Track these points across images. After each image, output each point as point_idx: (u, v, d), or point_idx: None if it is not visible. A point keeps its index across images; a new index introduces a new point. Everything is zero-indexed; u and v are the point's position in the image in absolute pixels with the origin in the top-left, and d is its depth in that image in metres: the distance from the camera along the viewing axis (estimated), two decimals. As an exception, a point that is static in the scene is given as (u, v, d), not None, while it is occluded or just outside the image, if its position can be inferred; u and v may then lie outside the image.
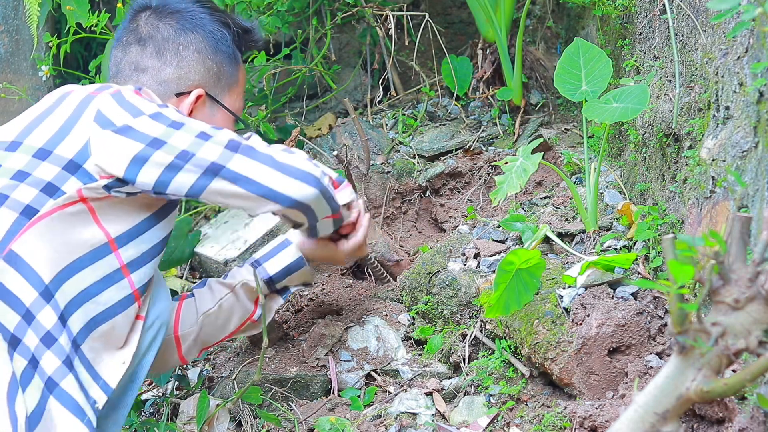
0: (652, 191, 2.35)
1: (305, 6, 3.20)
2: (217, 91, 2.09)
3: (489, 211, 2.78)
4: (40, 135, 1.86)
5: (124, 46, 2.07)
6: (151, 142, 1.83)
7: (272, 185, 1.86)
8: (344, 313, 2.52)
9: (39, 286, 1.79)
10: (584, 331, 2.04)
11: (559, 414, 2.04)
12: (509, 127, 3.04)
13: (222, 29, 2.09)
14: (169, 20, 2.05)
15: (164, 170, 1.83)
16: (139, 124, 1.84)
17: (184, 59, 2.05)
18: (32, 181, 1.82)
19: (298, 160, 1.91)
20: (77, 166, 1.82)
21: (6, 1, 3.47)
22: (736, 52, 1.88)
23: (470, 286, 2.37)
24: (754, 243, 1.66)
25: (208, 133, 1.87)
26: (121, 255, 1.87)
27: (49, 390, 1.78)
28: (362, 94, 3.34)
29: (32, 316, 1.78)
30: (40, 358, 1.78)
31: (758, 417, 1.63)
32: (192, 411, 2.26)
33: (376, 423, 2.20)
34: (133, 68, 2.04)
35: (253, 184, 1.86)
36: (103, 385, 1.85)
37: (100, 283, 1.85)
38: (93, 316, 1.85)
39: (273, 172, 1.87)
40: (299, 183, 1.88)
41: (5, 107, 3.50)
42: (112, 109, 1.85)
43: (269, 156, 1.88)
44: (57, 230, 1.81)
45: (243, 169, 1.86)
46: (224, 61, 2.09)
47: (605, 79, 2.29)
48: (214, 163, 1.85)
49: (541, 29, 3.24)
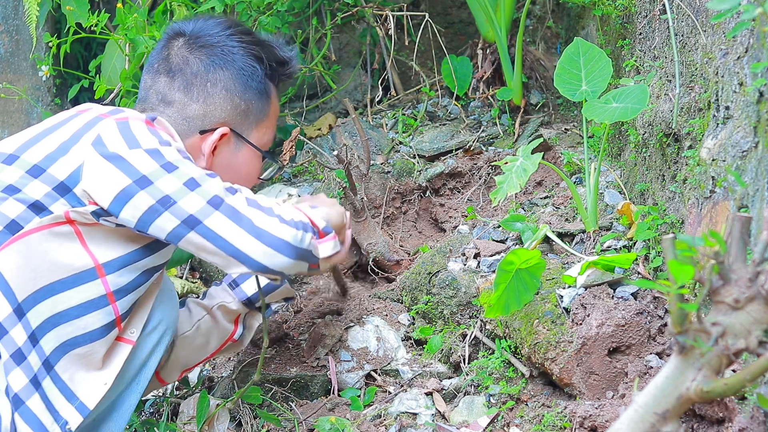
0: (652, 191, 2.35)
1: (305, 6, 3.20)
2: (243, 128, 2.04)
3: (489, 211, 2.78)
4: (37, 151, 1.83)
5: (154, 73, 2.02)
6: (138, 180, 1.78)
7: (245, 249, 1.81)
8: (344, 313, 2.52)
9: (13, 303, 1.78)
10: (584, 331, 2.04)
11: (559, 414, 2.04)
12: (509, 127, 3.04)
13: (254, 64, 2.03)
14: (200, 54, 2.00)
15: (145, 213, 1.79)
16: (131, 157, 1.79)
17: (211, 96, 1.99)
18: (21, 197, 1.80)
19: (276, 226, 1.83)
20: (67, 189, 1.79)
21: (6, 1, 3.47)
22: (736, 52, 1.88)
23: (470, 286, 2.37)
24: (754, 243, 1.66)
25: (197, 182, 1.82)
26: (108, 282, 1.83)
27: (15, 407, 1.78)
28: (362, 94, 3.34)
29: (5, 331, 1.78)
30: (8, 375, 1.78)
31: (758, 417, 1.63)
32: (192, 411, 2.26)
33: (376, 423, 2.20)
34: (159, 98, 1.99)
35: (226, 245, 1.81)
36: (79, 406, 1.83)
37: (81, 308, 1.82)
38: (68, 338, 1.82)
39: (249, 237, 1.81)
40: (272, 252, 1.81)
41: (5, 107, 3.50)
42: (112, 136, 1.81)
43: (249, 220, 1.82)
44: (39, 249, 1.78)
45: (219, 228, 1.80)
46: (253, 98, 2.03)
47: (605, 79, 2.29)
48: (192, 216, 1.80)
49: (541, 29, 3.24)
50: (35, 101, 3.46)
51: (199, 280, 2.93)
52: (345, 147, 2.79)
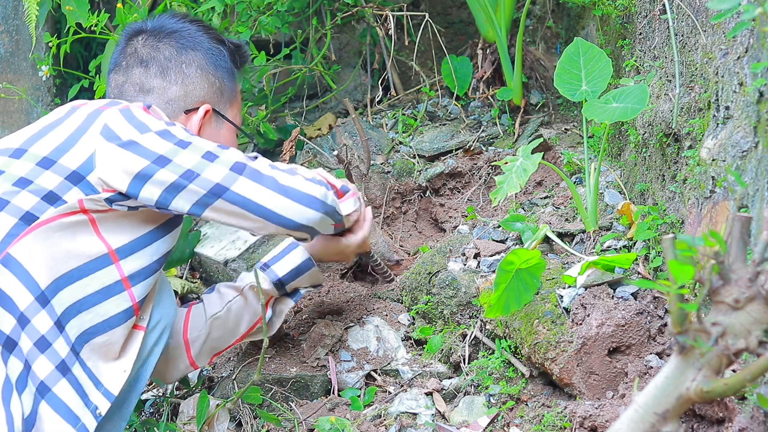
0: (652, 191, 2.35)
1: (305, 6, 3.20)
2: (221, 106, 2.13)
3: (489, 211, 2.78)
4: (45, 144, 1.87)
5: (124, 69, 2.08)
6: (156, 160, 1.84)
7: (276, 209, 1.90)
8: (344, 313, 2.52)
9: (35, 291, 1.79)
10: (584, 331, 2.04)
11: (559, 414, 2.04)
12: (509, 127, 3.04)
13: (218, 46, 2.13)
14: (168, 40, 2.08)
15: (167, 188, 1.84)
16: (145, 140, 1.85)
17: (188, 77, 2.08)
18: (34, 188, 1.82)
19: (302, 183, 1.93)
20: (80, 178, 1.83)
21: (6, 1, 3.47)
22: (736, 52, 1.88)
23: (470, 286, 2.37)
24: (754, 243, 1.66)
25: (214, 153, 1.89)
26: (122, 267, 1.87)
27: (41, 395, 1.79)
28: (362, 94, 3.34)
29: (27, 320, 1.79)
30: (33, 363, 1.79)
31: (758, 417, 1.63)
32: (192, 411, 2.26)
33: (376, 423, 2.20)
34: (137, 89, 2.06)
35: (257, 207, 1.89)
36: (105, 392, 1.86)
37: (99, 294, 1.86)
38: (90, 326, 1.85)
39: (277, 196, 1.90)
40: (303, 207, 1.92)
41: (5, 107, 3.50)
42: (120, 124, 1.86)
43: (273, 179, 1.90)
44: (55, 238, 1.81)
45: (247, 192, 1.88)
46: (224, 77, 2.13)
47: (605, 79, 2.29)
48: (219, 185, 1.87)
49: (541, 29, 3.24)
50: (35, 101, 3.46)
51: (199, 280, 2.93)
52: (345, 147, 2.80)
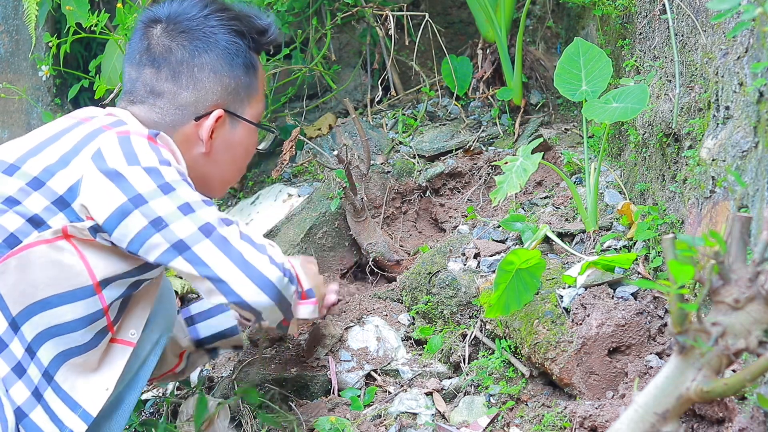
0: (652, 191, 2.35)
1: (305, 6, 3.20)
2: (236, 106, 2.02)
3: (489, 211, 2.78)
4: (37, 163, 1.81)
5: (137, 65, 1.99)
6: (133, 198, 1.76)
7: (229, 281, 1.79)
8: (344, 313, 2.52)
9: (8, 317, 1.77)
10: (584, 331, 2.04)
11: (559, 414, 2.04)
12: (509, 127, 3.04)
13: (236, 40, 2.00)
14: (182, 40, 1.97)
15: (137, 233, 1.77)
16: (129, 173, 1.77)
17: (200, 81, 1.97)
18: (21, 210, 1.78)
19: (266, 265, 1.81)
20: (66, 204, 1.78)
21: (6, 1, 3.47)
22: (736, 52, 1.88)
23: (470, 286, 2.37)
24: (754, 243, 1.66)
25: (191, 207, 1.80)
26: (104, 297, 1.82)
27: (18, 420, 1.77)
28: (362, 94, 3.34)
29: (5, 345, 1.77)
30: (10, 388, 1.77)
31: (758, 417, 1.63)
32: (192, 411, 2.26)
33: (376, 423, 2.20)
34: (148, 90, 1.97)
35: (211, 274, 1.79)
36: (82, 414, 1.82)
37: (77, 322, 1.81)
38: (64, 349, 1.81)
39: (234, 269, 1.79)
40: (256, 289, 1.80)
41: (5, 107, 3.50)
42: (112, 150, 1.79)
43: (238, 253, 1.80)
44: (37, 263, 1.77)
45: (207, 257, 1.79)
46: (241, 74, 2.02)
47: (605, 79, 2.29)
48: (182, 241, 1.78)
49: (541, 29, 3.24)
50: (35, 101, 3.46)
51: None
52: (345, 147, 2.79)
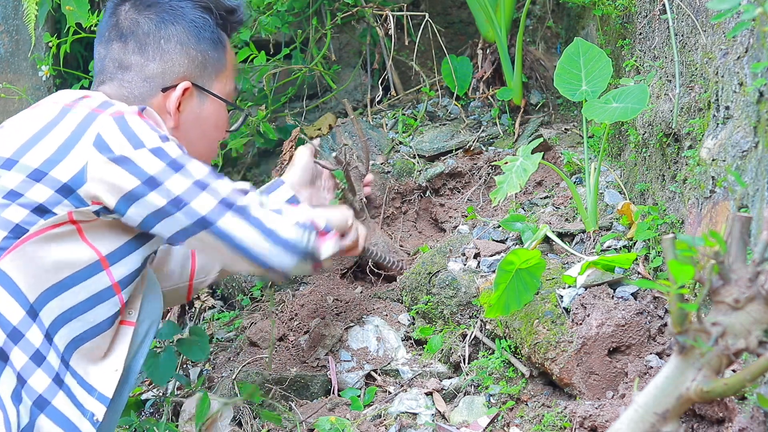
0: (652, 191, 2.35)
1: (305, 6, 3.20)
2: (204, 80, 2.05)
3: (489, 211, 2.78)
4: (36, 155, 1.82)
5: (106, 42, 2.03)
6: (147, 180, 1.79)
7: (257, 250, 1.85)
8: (344, 313, 2.52)
9: (25, 305, 1.78)
10: (584, 331, 2.04)
11: (559, 414, 2.04)
12: (509, 127, 3.04)
13: (204, 15, 2.04)
14: (149, 13, 2.01)
15: (154, 212, 1.80)
16: (138, 157, 1.79)
17: (166, 53, 2.00)
18: (24, 201, 1.79)
19: (288, 229, 1.88)
20: (71, 191, 1.79)
21: (6, 1, 3.47)
22: (736, 52, 1.89)
23: (470, 286, 2.37)
24: (754, 243, 1.66)
25: (205, 182, 1.84)
26: (112, 273, 1.85)
27: (39, 408, 1.78)
28: (362, 94, 3.34)
29: (21, 334, 1.78)
30: (29, 377, 1.77)
31: (758, 417, 1.63)
32: (194, 409, 2.26)
33: (376, 423, 2.20)
34: (116, 65, 2.00)
35: (237, 245, 1.85)
36: (99, 397, 1.85)
37: (89, 301, 1.84)
38: (79, 333, 1.84)
39: (261, 237, 1.85)
40: (281, 252, 1.87)
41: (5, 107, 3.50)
42: (113, 135, 1.80)
43: (260, 220, 1.86)
44: (45, 250, 1.79)
45: (232, 229, 1.84)
46: (209, 49, 2.04)
47: (605, 79, 2.29)
48: (205, 218, 1.82)
49: (541, 29, 3.24)
50: (35, 101, 3.45)
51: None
52: (345, 147, 2.79)
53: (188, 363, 2.58)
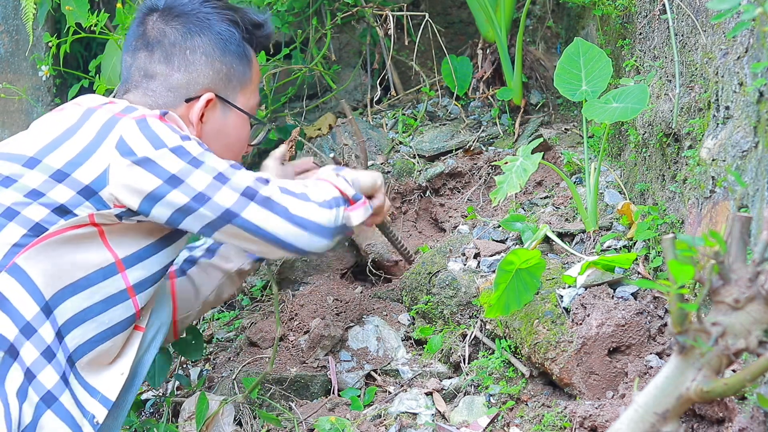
0: (652, 191, 2.35)
1: (305, 6, 3.20)
2: (228, 93, 2.05)
3: (489, 211, 2.78)
4: (60, 156, 1.83)
5: (133, 51, 2.03)
6: (169, 179, 1.81)
7: (287, 238, 1.87)
8: (344, 313, 2.52)
9: (40, 301, 1.79)
10: (584, 331, 2.04)
11: (559, 414, 2.04)
12: (509, 127, 3.04)
13: (230, 28, 2.04)
14: (176, 24, 2.01)
15: (178, 210, 1.82)
16: (159, 158, 1.81)
17: (192, 63, 2.00)
18: (45, 201, 1.80)
19: (314, 212, 1.90)
20: (93, 193, 1.80)
21: (6, 1, 3.47)
22: (736, 52, 1.89)
23: (470, 286, 2.37)
24: (754, 243, 1.66)
25: (226, 176, 1.85)
26: (128, 276, 1.87)
27: (46, 404, 1.78)
28: (362, 94, 3.34)
29: (33, 330, 1.78)
30: (38, 373, 1.78)
31: (758, 417, 1.63)
32: (194, 408, 2.26)
33: (376, 423, 2.20)
34: (142, 74, 2.00)
35: (266, 234, 1.87)
36: (101, 399, 1.85)
37: (104, 303, 1.85)
38: (93, 335, 1.85)
39: (288, 225, 1.87)
40: (314, 237, 1.89)
41: (5, 107, 3.50)
42: (135, 138, 1.82)
43: (284, 208, 1.88)
44: (63, 249, 1.80)
45: (258, 220, 1.86)
46: (234, 62, 2.04)
47: (605, 79, 2.29)
48: (229, 210, 1.84)
49: (541, 29, 3.24)
50: (35, 101, 3.46)
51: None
52: (345, 147, 2.80)
53: (188, 363, 2.59)
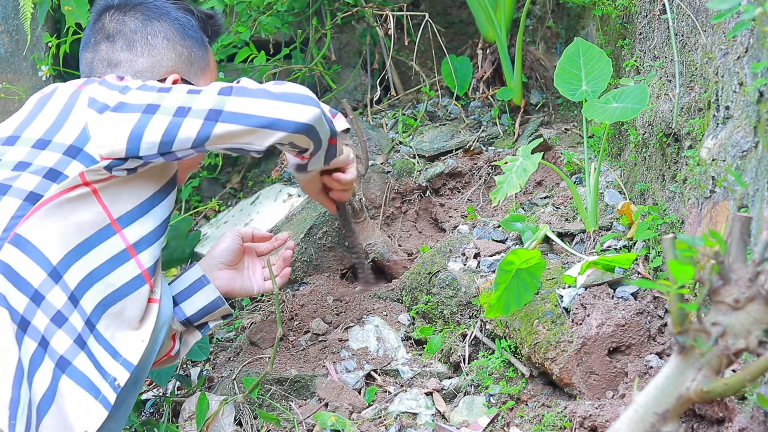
0: (652, 191, 2.35)
1: (305, 6, 3.20)
2: (191, 76, 2.12)
3: (489, 211, 2.78)
4: (37, 127, 1.89)
5: (93, 45, 2.11)
6: (146, 109, 1.85)
7: (274, 114, 1.87)
8: (344, 313, 2.52)
9: (47, 268, 1.80)
10: (584, 331, 2.04)
11: (559, 414, 2.04)
12: (509, 127, 3.04)
13: (186, 15, 2.14)
14: (134, 13, 2.10)
15: (166, 130, 1.84)
16: (130, 98, 1.86)
17: (154, 48, 2.09)
18: (34, 169, 1.84)
19: (293, 87, 1.93)
20: (78, 150, 1.84)
21: (6, 1, 3.47)
22: (736, 52, 1.89)
23: (470, 286, 2.37)
24: (754, 243, 1.66)
25: (197, 90, 1.89)
26: (125, 235, 1.89)
27: (61, 369, 1.79)
28: (362, 94, 3.34)
29: (41, 296, 1.79)
30: (51, 338, 1.79)
31: (758, 417, 1.63)
32: (195, 408, 2.26)
33: (376, 423, 2.20)
34: (105, 65, 2.07)
35: (255, 118, 1.87)
36: (124, 362, 1.86)
37: (108, 264, 1.87)
38: (104, 296, 1.86)
39: (272, 102, 1.88)
40: (300, 106, 1.90)
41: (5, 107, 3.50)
42: (103, 93, 1.89)
43: (263, 90, 1.90)
44: (62, 213, 1.83)
45: (242, 108, 1.87)
46: (194, 46, 2.13)
47: (605, 79, 2.29)
48: (212, 110, 1.86)
49: (541, 29, 3.24)
50: (35, 101, 3.45)
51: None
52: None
53: (188, 363, 2.59)
